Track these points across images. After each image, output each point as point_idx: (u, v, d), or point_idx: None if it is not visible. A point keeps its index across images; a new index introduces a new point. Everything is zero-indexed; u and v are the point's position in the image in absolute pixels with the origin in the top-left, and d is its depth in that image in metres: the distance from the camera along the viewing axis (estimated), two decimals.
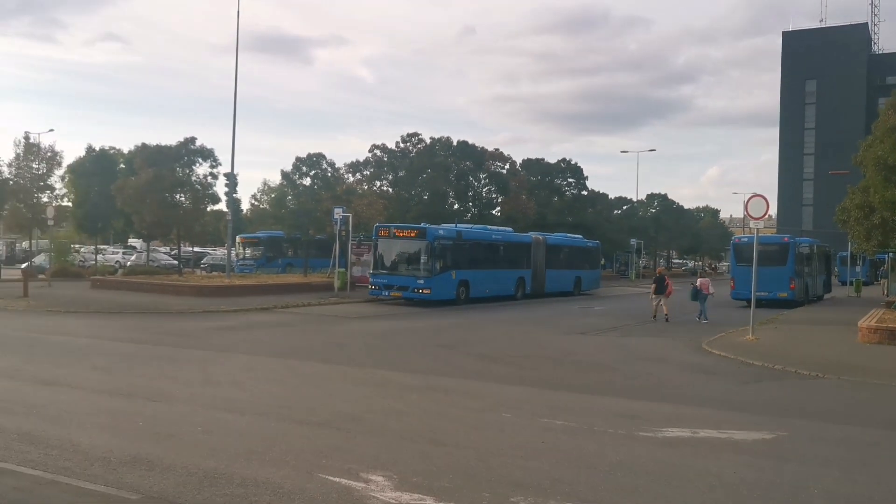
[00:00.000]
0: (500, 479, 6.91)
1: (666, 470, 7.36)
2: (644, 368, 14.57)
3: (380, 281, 29.03)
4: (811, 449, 8.52)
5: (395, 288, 28.57)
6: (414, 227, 30.29)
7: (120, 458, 7.23)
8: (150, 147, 36.93)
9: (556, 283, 37.31)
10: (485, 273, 31.55)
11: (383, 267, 29.26)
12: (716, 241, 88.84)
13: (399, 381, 12.27)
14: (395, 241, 29.35)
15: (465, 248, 30.73)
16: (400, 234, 29.41)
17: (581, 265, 40.60)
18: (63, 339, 16.80)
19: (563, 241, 40.03)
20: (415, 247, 28.77)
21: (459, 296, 29.80)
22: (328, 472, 6.96)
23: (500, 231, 35.41)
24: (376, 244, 29.58)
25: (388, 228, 29.84)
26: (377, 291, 29.11)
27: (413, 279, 28.28)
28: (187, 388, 11.23)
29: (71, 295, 27.94)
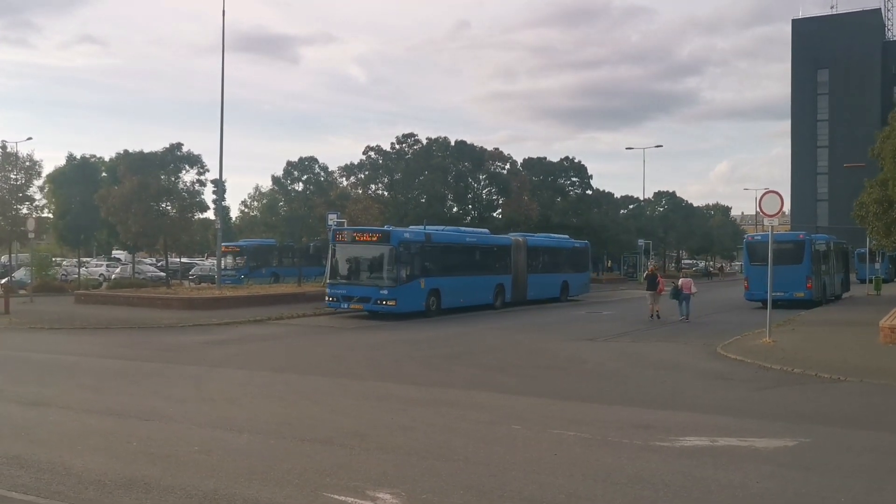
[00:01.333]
0: (514, 495, 6.66)
1: (686, 481, 7.11)
2: (657, 375, 14.31)
3: (338, 292, 25.95)
4: (836, 456, 8.30)
5: (356, 299, 25.57)
6: (375, 230, 27.51)
7: (115, 481, 6.96)
8: (133, 154, 36.44)
9: (539, 289, 34.63)
10: (459, 280, 28.71)
11: (342, 275, 26.30)
12: (727, 239, 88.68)
13: (402, 395, 11.96)
14: (355, 247, 26.32)
15: (435, 253, 28.01)
16: (360, 237, 26.28)
17: (568, 268, 37.86)
18: (49, 358, 16.38)
19: (547, 242, 37.47)
20: (377, 252, 25.76)
21: (430, 306, 26.93)
22: (333, 490, 6.70)
23: (476, 233, 32.86)
24: (333, 250, 26.62)
25: (347, 232, 27.06)
26: (335, 304, 26.08)
27: (375, 289, 25.26)
28: (181, 405, 10.89)
29: (54, 311, 27.43)
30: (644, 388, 12.90)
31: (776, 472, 7.49)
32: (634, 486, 6.95)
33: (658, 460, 7.85)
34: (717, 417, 10.33)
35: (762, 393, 12.54)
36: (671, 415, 10.48)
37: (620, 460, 7.85)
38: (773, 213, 18.53)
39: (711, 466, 7.67)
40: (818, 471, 7.66)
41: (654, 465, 7.66)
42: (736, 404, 11.46)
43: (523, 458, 7.97)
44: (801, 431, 9.40)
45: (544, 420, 9.97)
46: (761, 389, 12.83)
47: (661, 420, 10.02)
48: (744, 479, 7.20)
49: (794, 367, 14.57)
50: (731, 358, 16.25)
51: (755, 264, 31.37)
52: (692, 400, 11.87)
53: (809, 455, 8.31)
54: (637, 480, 7.12)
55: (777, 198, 18.60)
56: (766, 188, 18.86)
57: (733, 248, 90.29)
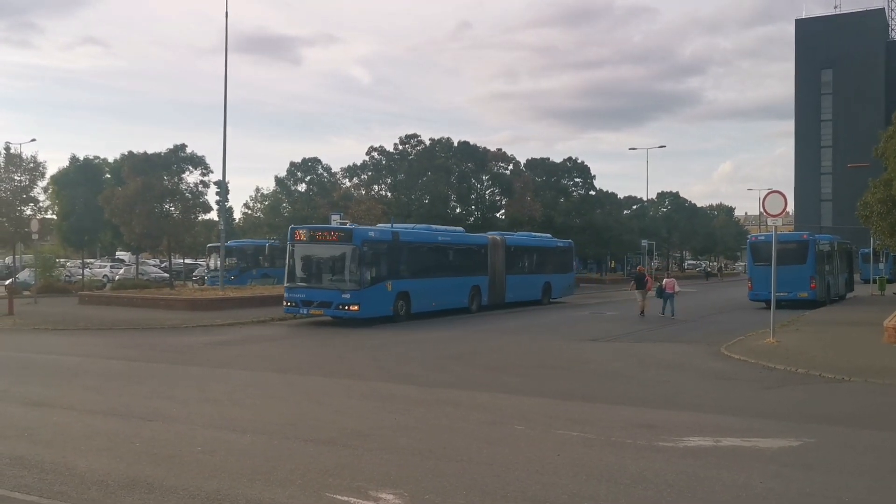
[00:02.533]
0: (517, 495, 6.65)
1: (689, 481, 7.09)
2: (661, 376, 14.27)
3: (296, 296, 23.96)
4: (840, 456, 8.27)
5: (316, 304, 23.59)
6: (336, 227, 25.81)
7: (118, 481, 6.96)
8: (137, 155, 36.52)
9: (519, 291, 32.90)
10: (430, 282, 26.94)
11: (300, 278, 24.36)
12: (731, 240, 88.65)
13: (405, 395, 11.95)
14: (315, 246, 24.44)
15: (404, 253, 26.22)
16: (320, 236, 24.42)
17: (550, 269, 36.18)
18: (52, 359, 16.40)
19: (528, 241, 35.81)
20: (338, 252, 23.88)
21: (398, 311, 25.09)
22: (336, 491, 6.68)
23: (449, 232, 30.66)
24: (291, 250, 24.62)
25: (307, 230, 24.96)
26: (293, 309, 24.11)
27: (337, 293, 23.30)
28: (185, 406, 10.89)
29: (58, 312, 27.45)
30: (647, 388, 12.87)
31: (780, 472, 7.47)
32: (638, 487, 6.93)
33: (662, 460, 7.83)
34: (720, 417, 10.30)
35: (766, 393, 12.51)
36: (675, 415, 10.46)
37: (624, 460, 7.83)
38: (777, 213, 18.48)
39: (715, 466, 7.64)
40: (822, 470, 7.63)
41: (657, 465, 7.64)
42: (740, 404, 11.42)
43: (526, 458, 7.95)
44: (805, 431, 9.37)
45: (547, 420, 9.96)
46: (765, 389, 12.79)
47: (664, 420, 10.01)
48: (747, 479, 7.18)
49: (798, 367, 14.53)
50: (735, 358, 16.21)
51: (759, 264, 31.33)
52: (696, 400, 11.84)
53: (813, 455, 8.28)
54: (640, 480, 7.10)
55: (780, 198, 18.55)
56: (769, 188, 18.96)
57: (737, 248, 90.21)
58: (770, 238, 20.12)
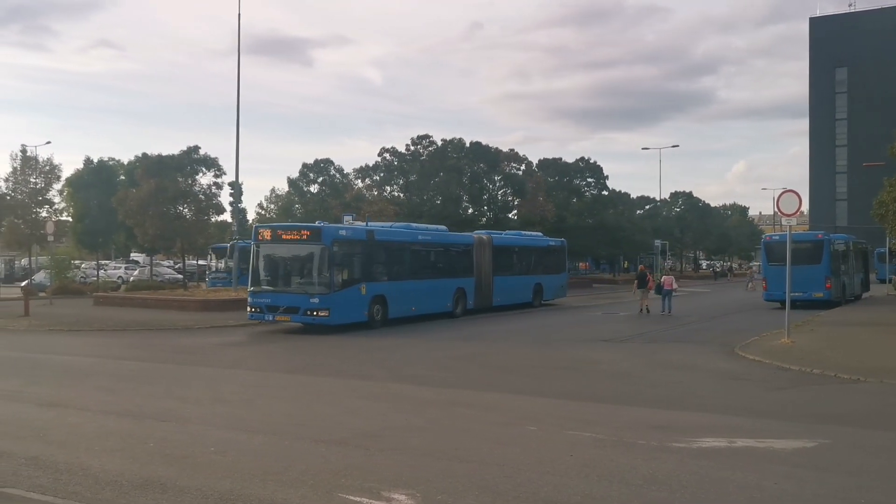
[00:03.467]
0: (529, 496, 6.63)
1: (703, 482, 7.05)
2: (674, 376, 14.20)
3: (261, 301, 21.95)
4: (855, 458, 8.19)
5: (282, 310, 21.66)
6: (304, 226, 23.93)
7: (131, 482, 6.99)
8: (151, 157, 36.76)
9: (508, 294, 31.00)
10: (410, 285, 25.08)
11: (266, 281, 22.42)
12: (745, 240, 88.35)
13: (416, 395, 11.95)
14: (281, 247, 22.39)
15: (380, 254, 24.39)
16: (286, 236, 22.47)
17: (541, 269, 34.34)
18: (67, 359, 16.52)
19: (516, 240, 34.05)
20: (306, 253, 21.93)
21: (373, 316, 23.11)
22: (348, 491, 6.69)
23: (431, 230, 28.69)
24: (256, 251, 22.54)
25: (271, 229, 23.02)
26: (258, 315, 22.05)
27: (305, 297, 21.33)
28: (197, 407, 10.95)
29: (73, 313, 27.64)
30: (660, 388, 12.81)
31: (794, 473, 7.42)
32: (650, 488, 6.90)
33: (674, 461, 7.79)
34: (734, 418, 10.24)
35: (780, 393, 12.43)
36: (687, 415, 10.41)
37: (636, 461, 7.80)
38: (792, 212, 18.34)
39: (728, 467, 7.59)
40: (837, 472, 7.57)
41: (670, 466, 7.60)
42: (754, 405, 11.35)
43: (538, 458, 7.93)
44: (819, 432, 9.30)
45: (559, 421, 9.93)
46: (779, 390, 12.72)
47: (677, 421, 9.96)
48: (761, 481, 7.13)
49: (813, 367, 14.42)
50: (749, 358, 16.11)
51: (773, 264, 31.14)
52: (709, 400, 11.77)
53: (828, 456, 8.22)
54: (653, 481, 7.06)
55: (795, 197, 18.42)
56: (783, 188, 18.77)
57: (751, 248, 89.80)
58: (784, 238, 20.01)
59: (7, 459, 7.76)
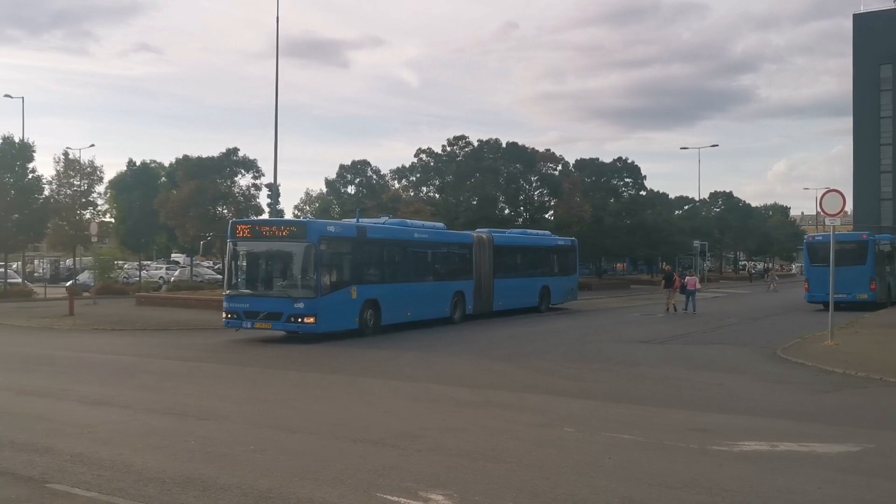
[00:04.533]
0: (567, 498, 6.59)
1: (744, 486, 6.94)
2: (714, 378, 13.97)
3: (238, 306, 19.51)
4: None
5: (262, 316, 19.15)
6: (287, 221, 22.53)
7: (174, 479, 7.09)
8: (191, 159, 37.32)
9: (510, 297, 28.63)
10: (405, 288, 22.80)
11: (244, 284, 20.28)
12: (786, 240, 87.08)
13: (454, 396, 11.95)
14: (261, 245, 20.12)
15: (372, 254, 22.11)
16: (268, 232, 20.14)
17: (548, 270, 31.98)
18: (110, 358, 16.83)
19: (520, 240, 31.64)
20: (290, 252, 19.64)
21: (365, 323, 20.67)
22: (386, 491, 6.71)
23: (427, 228, 26.12)
24: (233, 249, 20.27)
25: (250, 225, 20.99)
26: (235, 322, 19.65)
27: (288, 302, 18.90)
28: (237, 406, 11.08)
29: (116, 313, 28.17)
30: (700, 391, 12.64)
31: (838, 478, 7.27)
32: (690, 491, 6.81)
33: (715, 465, 7.68)
34: (776, 421, 10.06)
35: (824, 397, 12.19)
36: (729, 418, 10.23)
37: (676, 464, 7.70)
38: (835, 212, 17.99)
39: (771, 471, 7.47)
40: (883, 477, 7.39)
41: (710, 469, 7.50)
42: (796, 408, 11.16)
43: (576, 460, 7.89)
44: (864, 436, 9.10)
45: (597, 423, 9.85)
46: (823, 393, 12.47)
47: (718, 424, 9.80)
48: (804, 485, 7.00)
49: (858, 370, 14.11)
50: (792, 361, 15.82)
51: (816, 265, 30.67)
52: (751, 403, 11.56)
53: (873, 461, 8.03)
54: (693, 485, 6.97)
55: (839, 197, 18.07)
56: (826, 187, 18.36)
57: (793, 248, 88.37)
58: (828, 238, 19.63)
59: (53, 455, 7.93)
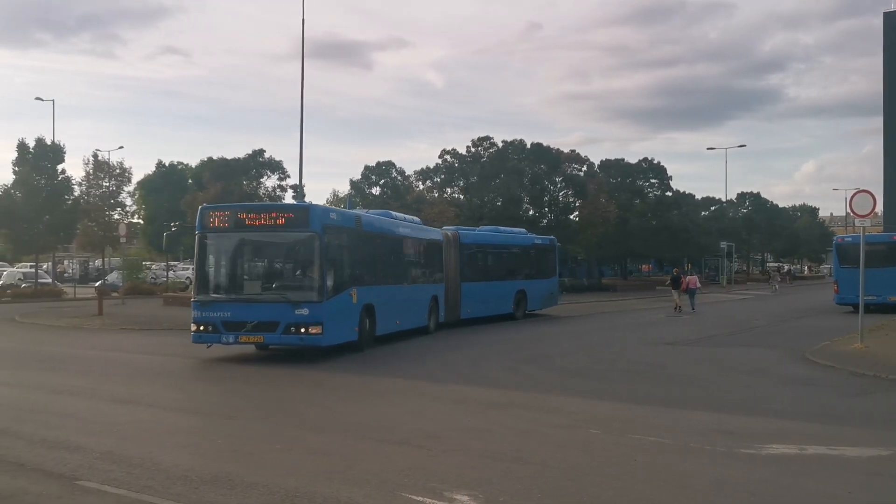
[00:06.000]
0: (592, 500, 6.58)
1: (772, 490, 6.87)
2: (741, 380, 13.83)
3: (213, 315, 15.44)
4: None
5: (250, 327, 15.12)
6: (285, 206, 18.91)
7: (201, 477, 7.15)
8: (217, 161, 37.73)
9: (480, 303, 25.05)
10: (396, 292, 19.59)
11: (220, 286, 16.11)
12: (815, 241, 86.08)
13: (478, 397, 11.92)
14: (246, 235, 15.96)
15: (367, 248, 18.32)
16: (255, 220, 15.73)
17: (525, 273, 28.48)
18: (138, 358, 17.03)
19: (492, 238, 27.55)
20: (288, 243, 15.94)
21: (364, 333, 17.21)
22: (411, 491, 6.72)
23: (409, 221, 22.74)
24: (204, 243, 15.93)
25: (230, 211, 16.09)
26: (209, 336, 15.54)
27: (287, 308, 15.03)
28: (262, 405, 11.16)
29: (144, 312, 28.50)
30: (727, 393, 12.51)
31: (868, 482, 7.17)
32: (717, 494, 6.76)
33: (742, 468, 7.60)
34: (804, 424, 9.94)
35: (854, 400, 12.02)
36: (756, 421, 10.11)
37: (703, 467, 7.65)
38: (865, 213, 17.75)
39: (799, 475, 7.39)
40: None
41: (737, 472, 7.43)
42: (825, 411, 11.02)
43: (601, 462, 7.85)
44: (895, 440, 8.97)
45: (623, 425, 9.78)
46: (853, 396, 12.30)
47: (745, 426, 9.70)
48: (833, 489, 6.91)
49: (889, 373, 13.86)
50: (821, 363, 15.60)
51: (846, 267, 30.26)
52: (778, 406, 11.44)
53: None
54: (720, 488, 6.91)
55: (869, 197, 17.83)
56: (856, 188, 18.05)
57: (821, 250, 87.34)
58: (857, 239, 19.34)
59: (83, 453, 8.03)
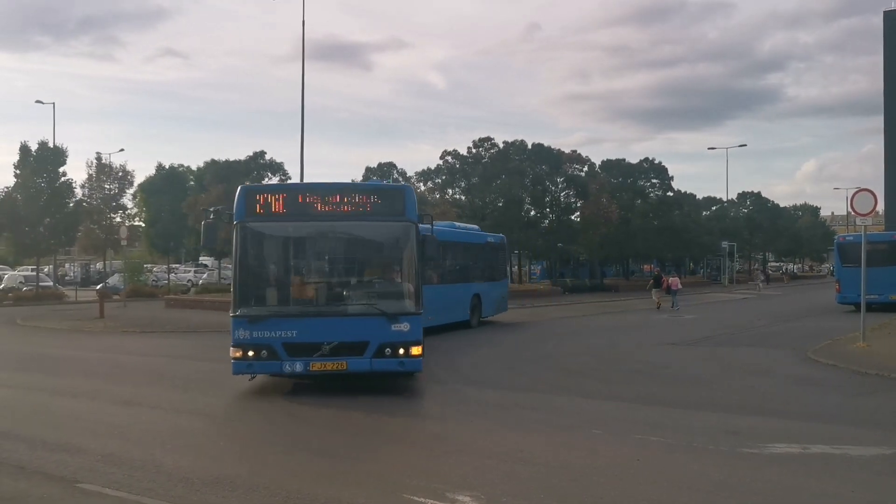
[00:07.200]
0: (595, 500, 6.57)
1: (775, 490, 6.85)
2: (744, 381, 13.76)
3: (269, 335, 11.45)
4: None
5: (327, 350, 11.31)
6: (373, 186, 14.39)
7: (203, 479, 7.14)
8: (219, 162, 37.76)
9: (437, 310, 19.35)
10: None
11: (275, 296, 12.20)
12: (817, 241, 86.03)
13: (480, 398, 11.90)
14: (313, 225, 12.17)
15: None
16: (327, 204, 11.82)
17: (479, 274, 24.49)
18: (140, 360, 17.01)
19: (447, 234, 21.88)
20: (374, 236, 12.58)
21: None
22: (413, 492, 6.71)
23: None
24: (251, 237, 12.18)
25: (289, 194, 12.14)
26: (263, 364, 11.59)
27: (380, 323, 11.47)
28: (266, 408, 11.12)
29: (145, 315, 28.47)
30: (730, 392, 12.46)
31: (872, 482, 7.15)
32: (721, 494, 6.73)
33: (746, 467, 7.58)
34: (808, 424, 9.91)
35: (857, 399, 11.98)
36: (759, 420, 10.08)
37: (706, 467, 7.62)
38: (867, 212, 17.70)
39: (803, 474, 7.37)
40: None
41: (741, 472, 7.40)
42: (829, 410, 11.00)
43: (604, 463, 7.83)
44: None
45: (626, 425, 9.76)
46: (856, 395, 12.26)
47: (748, 426, 9.66)
48: (837, 489, 6.89)
49: (892, 372, 13.82)
50: (823, 363, 15.55)
51: (847, 266, 30.16)
52: (782, 405, 11.39)
53: None
54: (724, 488, 6.89)
55: (870, 196, 17.79)
56: (857, 187, 18.02)
57: (823, 249, 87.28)
58: (859, 238, 19.30)
59: (84, 455, 8.02)
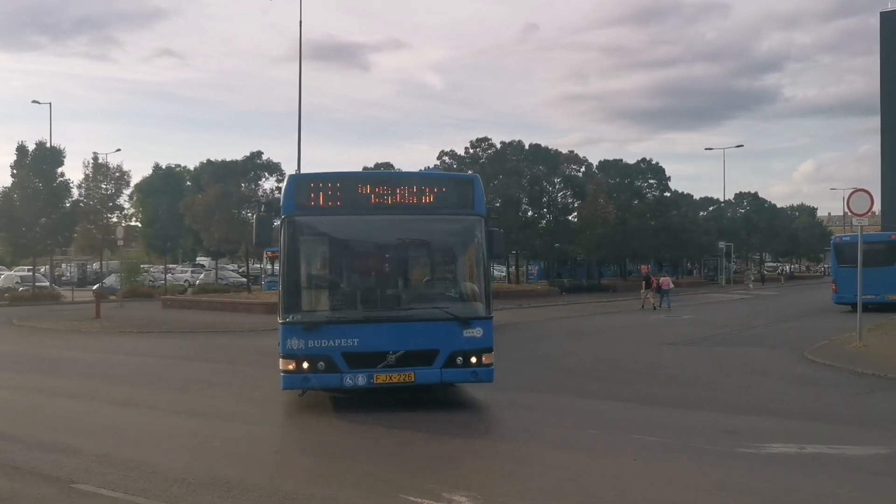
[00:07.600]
0: (593, 500, 6.56)
1: (773, 489, 6.83)
2: (742, 380, 13.77)
3: (326, 344, 10.01)
4: None
5: (392, 359, 9.95)
6: (433, 175, 12.18)
7: (199, 480, 7.12)
8: (215, 163, 37.67)
9: None
10: None
11: (331, 300, 10.89)
12: (814, 241, 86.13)
13: (477, 398, 11.88)
14: (373, 218, 10.70)
15: None
16: (387, 195, 10.53)
17: None
18: (137, 360, 16.96)
19: None
20: (442, 232, 11.19)
21: None
22: (410, 492, 6.68)
23: None
24: (297, 233, 10.37)
25: (339, 182, 10.61)
26: (320, 377, 10.04)
27: (451, 328, 10.22)
28: (262, 408, 11.11)
29: (142, 315, 28.43)
30: (728, 392, 12.47)
31: (869, 481, 7.14)
32: (719, 494, 6.73)
33: (743, 467, 7.57)
34: (805, 423, 9.91)
35: (854, 398, 11.98)
36: (757, 420, 10.07)
37: (704, 467, 7.61)
38: (863, 212, 17.71)
39: (800, 474, 7.36)
40: None
41: (739, 472, 7.39)
42: (826, 410, 10.99)
43: (602, 463, 7.82)
44: (895, 439, 8.94)
45: (624, 425, 9.75)
46: (853, 395, 12.26)
47: (746, 426, 9.65)
48: (834, 488, 6.88)
49: (888, 372, 13.82)
50: (820, 362, 15.55)
51: (844, 266, 30.18)
52: (779, 405, 11.38)
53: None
54: (721, 487, 6.88)
55: (866, 196, 17.79)
56: (853, 187, 18.00)
57: (820, 249, 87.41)
58: (855, 238, 19.29)
59: (80, 456, 8.00)
